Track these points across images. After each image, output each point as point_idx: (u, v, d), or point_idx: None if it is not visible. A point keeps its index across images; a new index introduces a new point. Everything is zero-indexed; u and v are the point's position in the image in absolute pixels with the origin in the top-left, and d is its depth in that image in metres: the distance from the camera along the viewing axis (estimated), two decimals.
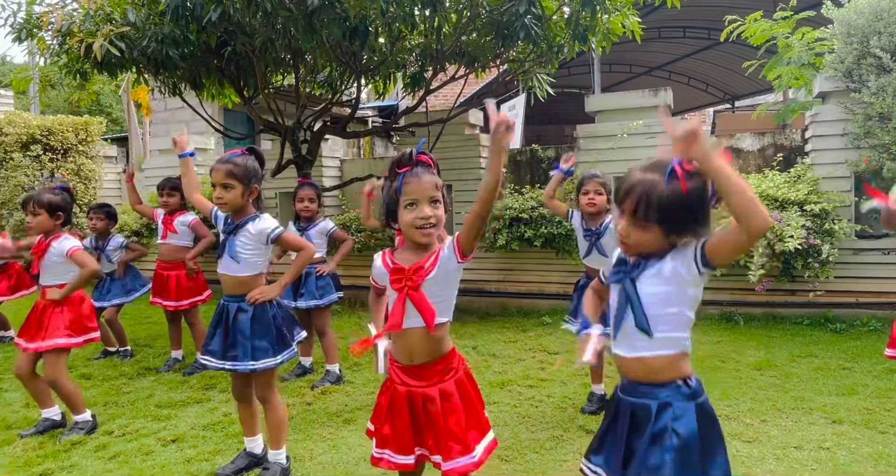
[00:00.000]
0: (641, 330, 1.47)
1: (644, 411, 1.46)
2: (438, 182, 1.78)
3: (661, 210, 1.41)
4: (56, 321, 3.04)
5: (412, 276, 1.77)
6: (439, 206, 1.77)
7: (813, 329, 4.72)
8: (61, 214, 3.14)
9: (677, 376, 1.48)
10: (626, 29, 5.31)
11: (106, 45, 4.43)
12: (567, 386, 3.67)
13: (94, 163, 8.21)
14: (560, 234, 5.20)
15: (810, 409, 3.20)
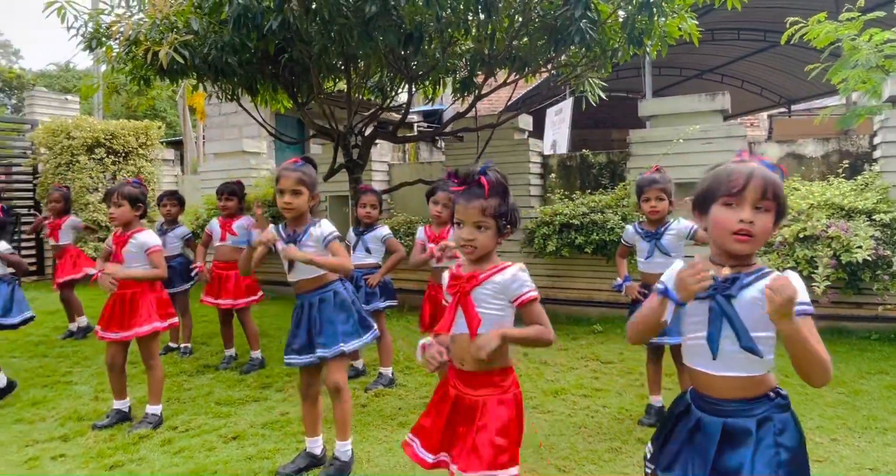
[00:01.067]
0: (749, 350, 1.40)
1: (742, 430, 1.40)
2: (489, 207, 1.78)
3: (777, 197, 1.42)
4: (147, 307, 3.21)
5: (465, 284, 1.83)
6: (485, 231, 1.80)
7: (882, 344, 4.50)
8: (141, 206, 3.30)
9: (768, 389, 1.44)
10: (683, 32, 5.20)
11: (171, 52, 4.59)
12: (623, 397, 3.60)
13: (153, 165, 8.53)
14: (612, 241, 5.11)
15: (884, 429, 3.05)
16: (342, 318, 2.65)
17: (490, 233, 1.80)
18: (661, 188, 3.16)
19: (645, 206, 3.20)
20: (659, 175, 3.21)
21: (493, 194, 1.79)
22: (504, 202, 1.80)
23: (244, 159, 7.91)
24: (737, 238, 1.42)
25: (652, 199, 3.16)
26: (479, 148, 6.17)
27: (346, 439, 2.68)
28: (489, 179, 1.79)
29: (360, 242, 4.02)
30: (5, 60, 37.91)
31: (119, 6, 5.33)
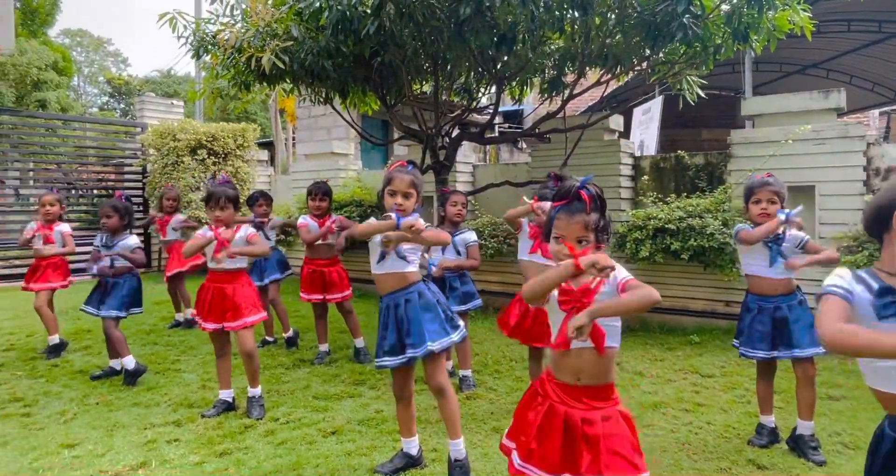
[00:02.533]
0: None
1: None
2: (590, 222, 1.76)
3: None
4: (248, 300, 3.45)
5: (581, 298, 1.77)
6: (585, 245, 1.76)
7: None
8: (239, 206, 3.52)
9: None
10: (794, 25, 4.86)
11: (272, 58, 4.80)
12: (729, 414, 3.40)
13: (249, 166, 8.97)
14: (712, 247, 4.86)
15: None
16: (429, 317, 2.66)
17: (591, 247, 1.77)
18: (775, 191, 2.98)
19: (754, 209, 3.01)
20: (772, 178, 3.04)
21: (594, 209, 1.77)
22: (603, 216, 1.79)
23: (333, 160, 8.16)
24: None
25: (763, 201, 2.98)
26: (566, 149, 6.04)
27: (458, 437, 2.69)
28: (590, 194, 1.76)
29: (452, 244, 4.02)
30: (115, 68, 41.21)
31: (223, 15, 5.63)
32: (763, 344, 2.98)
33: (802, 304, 3.01)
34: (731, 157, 5.50)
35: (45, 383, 4.03)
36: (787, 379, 3.80)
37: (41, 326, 4.89)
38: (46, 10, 21.70)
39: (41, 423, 3.33)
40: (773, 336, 2.98)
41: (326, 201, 4.66)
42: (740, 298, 5.25)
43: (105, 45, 41.89)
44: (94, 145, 10.48)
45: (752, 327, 3.02)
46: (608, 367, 1.79)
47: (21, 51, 11.30)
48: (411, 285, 2.70)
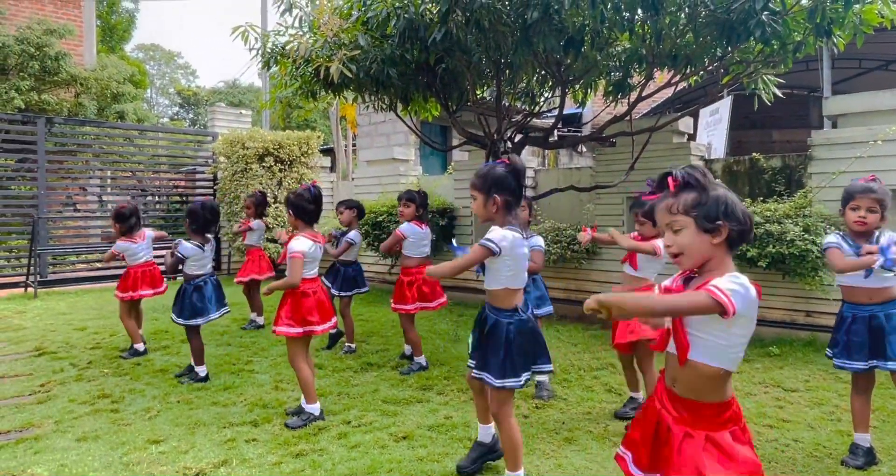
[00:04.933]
0: None
1: None
2: (675, 204, 1.62)
3: None
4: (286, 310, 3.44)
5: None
6: (682, 231, 1.61)
7: None
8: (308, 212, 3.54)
9: None
10: (883, 19, 4.56)
11: (341, 67, 4.91)
12: (817, 431, 3.20)
13: (313, 172, 9.21)
14: (791, 254, 4.61)
15: None
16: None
17: (689, 232, 1.60)
18: (877, 198, 2.80)
19: (851, 215, 2.85)
20: (876, 184, 2.85)
21: (684, 189, 1.62)
22: (703, 195, 1.59)
23: (394, 166, 8.27)
24: None
25: (862, 208, 2.81)
26: (633, 153, 5.89)
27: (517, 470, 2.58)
28: (675, 176, 1.63)
29: None
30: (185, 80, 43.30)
31: (292, 27, 5.80)
32: (859, 354, 2.80)
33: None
34: (812, 160, 5.22)
35: (129, 381, 4.25)
36: (882, 396, 3.56)
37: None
38: (123, 27, 23.09)
39: (128, 420, 3.50)
40: (869, 346, 2.79)
41: (411, 207, 4.51)
42: (822, 308, 5.02)
43: (175, 58, 44.11)
44: (167, 154, 11.02)
45: (849, 337, 2.84)
46: (701, 382, 1.60)
47: (101, 66, 12.02)
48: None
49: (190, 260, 4.22)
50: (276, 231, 5.18)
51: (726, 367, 1.58)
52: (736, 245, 1.63)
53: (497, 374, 2.49)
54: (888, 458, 2.89)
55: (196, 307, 4.18)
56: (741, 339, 1.56)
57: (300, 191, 3.57)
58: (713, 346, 1.57)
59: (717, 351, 1.57)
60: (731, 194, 1.62)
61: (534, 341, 2.54)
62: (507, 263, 2.49)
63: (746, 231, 1.60)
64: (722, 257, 1.61)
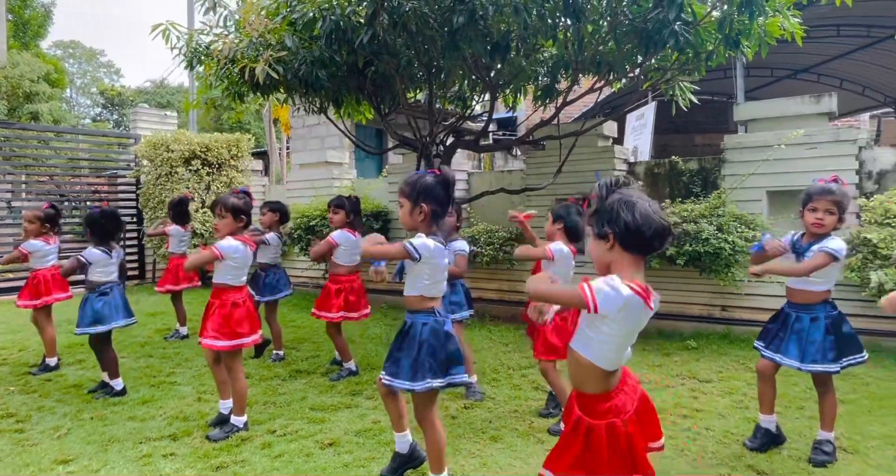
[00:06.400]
0: None
1: None
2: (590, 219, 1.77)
3: None
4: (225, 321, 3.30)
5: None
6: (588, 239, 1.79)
7: None
8: (244, 218, 3.39)
9: None
10: (784, 31, 4.90)
11: (266, 68, 4.80)
12: (727, 419, 3.39)
13: (244, 176, 8.95)
14: (707, 252, 4.86)
15: None
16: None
17: (590, 240, 1.75)
18: (835, 200, 2.79)
19: (809, 217, 2.84)
20: (835, 185, 2.84)
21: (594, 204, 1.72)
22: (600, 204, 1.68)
23: (328, 169, 8.16)
24: None
25: (820, 210, 2.80)
26: (561, 156, 6.06)
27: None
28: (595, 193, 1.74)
29: None
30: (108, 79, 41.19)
31: (217, 26, 5.63)
32: (768, 342, 2.97)
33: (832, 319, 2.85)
34: (725, 162, 5.53)
35: (38, 398, 3.99)
36: (784, 383, 3.80)
37: (34, 341, 4.84)
38: (38, 22, 21.70)
39: (35, 439, 3.29)
40: (781, 339, 2.93)
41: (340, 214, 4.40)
42: (736, 303, 5.32)
43: (98, 56, 41.88)
44: (86, 157, 10.45)
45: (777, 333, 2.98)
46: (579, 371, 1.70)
47: (13, 63, 11.28)
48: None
49: (95, 266, 3.97)
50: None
51: (597, 363, 1.66)
52: (636, 249, 1.64)
53: (407, 376, 2.48)
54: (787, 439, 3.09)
55: (99, 314, 3.92)
56: (613, 339, 1.63)
57: (232, 193, 3.47)
58: (587, 338, 1.69)
59: (590, 343, 1.68)
60: (629, 200, 1.62)
61: (447, 347, 2.52)
62: (425, 271, 2.49)
63: (638, 235, 1.60)
64: (621, 262, 1.65)
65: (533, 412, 3.55)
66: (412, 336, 2.51)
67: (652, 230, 1.60)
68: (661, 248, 1.67)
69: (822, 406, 2.93)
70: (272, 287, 4.81)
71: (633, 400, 1.72)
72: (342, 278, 4.39)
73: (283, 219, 4.97)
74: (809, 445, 2.95)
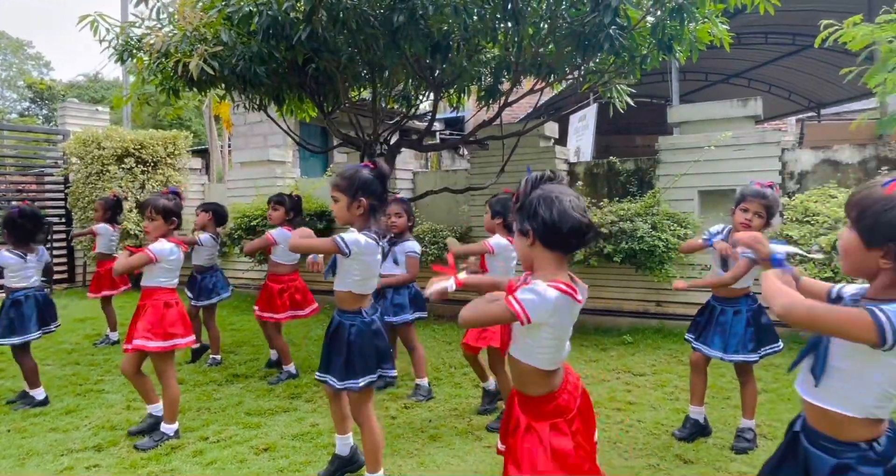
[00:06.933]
0: (812, 375, 1.40)
1: (818, 466, 1.36)
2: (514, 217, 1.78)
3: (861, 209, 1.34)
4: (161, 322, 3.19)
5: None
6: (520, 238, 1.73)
7: None
8: (175, 219, 3.27)
9: (860, 439, 1.36)
10: (713, 37, 5.12)
11: (201, 64, 4.65)
12: (658, 411, 3.51)
13: (181, 175, 8.64)
14: (642, 249, 5.02)
15: None
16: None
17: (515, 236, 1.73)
18: (765, 204, 2.87)
19: (739, 216, 2.90)
20: (769, 191, 2.93)
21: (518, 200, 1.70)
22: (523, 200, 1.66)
23: (270, 168, 7.98)
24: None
25: (751, 211, 2.86)
26: (503, 155, 6.13)
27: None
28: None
29: (390, 254, 3.97)
30: (37, 72, 38.98)
31: (150, 19, 5.42)
32: (697, 334, 3.10)
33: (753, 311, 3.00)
34: (659, 163, 5.73)
35: None
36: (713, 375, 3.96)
37: None
38: None
39: None
40: (707, 331, 3.07)
41: (280, 211, 4.36)
42: (670, 298, 5.51)
43: (25, 47, 39.52)
44: (12, 154, 9.84)
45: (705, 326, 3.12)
46: (521, 376, 1.69)
47: None
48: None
49: (8, 271, 3.73)
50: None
51: (540, 366, 1.65)
52: (556, 246, 1.62)
53: (339, 375, 2.47)
54: (713, 429, 3.23)
55: (11, 325, 3.69)
56: (550, 342, 1.62)
57: (162, 194, 3.34)
58: (524, 346, 1.67)
59: (528, 350, 1.66)
60: (548, 197, 1.59)
61: (376, 345, 2.52)
62: (355, 267, 2.47)
63: (556, 232, 1.58)
64: (542, 259, 1.64)
65: (473, 410, 3.58)
66: (340, 337, 2.49)
67: (569, 227, 1.56)
68: (581, 246, 1.67)
69: (744, 395, 3.08)
70: (209, 290, 4.66)
71: (575, 398, 1.70)
72: (284, 277, 4.33)
73: (219, 220, 4.82)
74: (734, 433, 3.09)
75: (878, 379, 1.32)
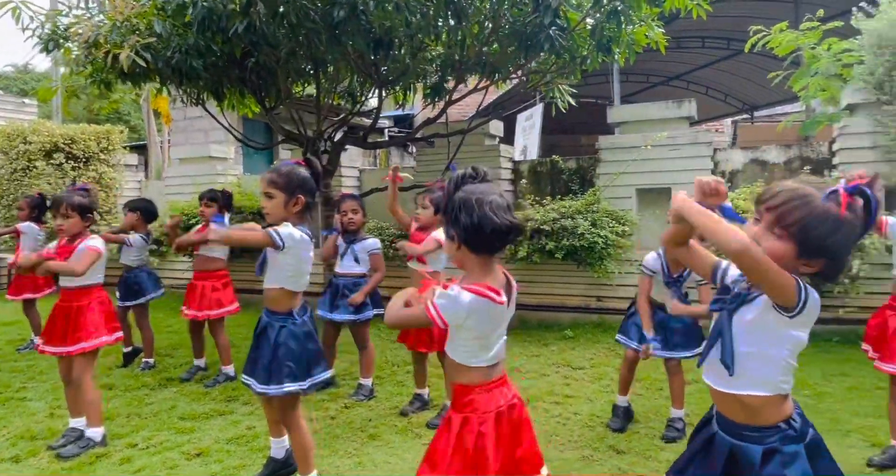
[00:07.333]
0: (724, 365, 1.42)
1: (747, 456, 1.39)
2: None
3: (803, 225, 1.34)
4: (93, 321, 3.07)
5: None
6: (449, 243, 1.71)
7: (843, 346, 4.61)
8: (90, 216, 3.14)
9: (779, 419, 1.41)
10: (650, 40, 5.27)
11: (132, 55, 4.47)
12: (594, 403, 3.60)
13: (115, 171, 8.28)
14: (582, 246, 5.14)
15: (847, 432, 3.12)
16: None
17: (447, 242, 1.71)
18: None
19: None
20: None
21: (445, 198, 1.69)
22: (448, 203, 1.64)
23: (211, 165, 7.74)
24: None
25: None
26: (449, 153, 6.15)
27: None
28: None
29: (349, 251, 3.91)
30: None
31: (78, 7, 5.18)
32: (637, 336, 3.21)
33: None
34: (600, 162, 5.87)
35: None
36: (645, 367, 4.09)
37: None
38: None
39: None
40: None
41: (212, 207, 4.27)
42: (610, 293, 5.65)
43: None
44: None
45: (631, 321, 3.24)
46: (451, 369, 1.73)
47: None
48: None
49: None
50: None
51: (461, 361, 1.68)
52: (481, 249, 1.61)
53: (262, 379, 2.40)
54: (645, 420, 3.34)
55: None
56: (472, 341, 1.65)
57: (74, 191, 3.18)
58: (453, 344, 1.70)
59: (453, 346, 1.71)
60: (468, 200, 1.57)
61: (308, 347, 2.47)
62: (289, 262, 2.41)
63: (478, 236, 1.56)
64: (469, 261, 1.64)
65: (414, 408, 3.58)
66: (267, 338, 2.43)
67: (490, 230, 1.55)
68: (506, 246, 1.69)
69: (672, 386, 3.20)
70: (138, 290, 4.48)
71: (497, 403, 1.68)
72: (218, 273, 4.26)
73: (148, 218, 4.64)
74: (665, 423, 3.20)
75: (784, 353, 1.39)
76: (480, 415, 1.65)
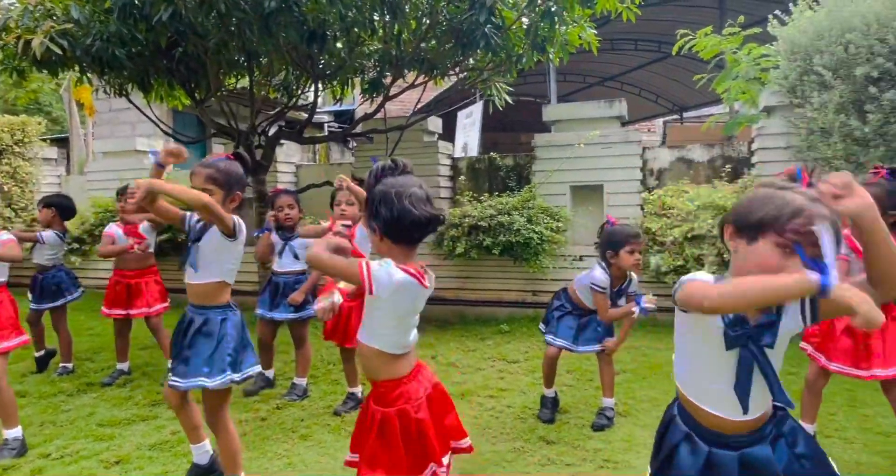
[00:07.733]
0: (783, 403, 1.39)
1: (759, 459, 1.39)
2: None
3: None
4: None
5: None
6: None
7: None
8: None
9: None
10: (582, 40, 5.41)
11: (46, 42, 4.21)
12: (527, 395, 3.67)
13: (32, 165, 7.77)
14: (518, 242, 5.23)
15: None
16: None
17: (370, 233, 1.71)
18: (642, 241, 3.04)
19: (629, 259, 2.96)
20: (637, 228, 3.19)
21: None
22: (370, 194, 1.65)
23: (137, 159, 7.38)
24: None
25: (636, 251, 2.97)
26: (388, 149, 6.12)
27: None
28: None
29: (287, 248, 3.82)
30: None
31: None
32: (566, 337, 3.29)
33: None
34: (536, 159, 5.98)
35: None
36: (580, 358, 4.22)
37: None
38: None
39: None
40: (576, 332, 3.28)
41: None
42: (545, 288, 5.77)
43: None
44: None
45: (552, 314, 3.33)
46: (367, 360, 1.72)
47: None
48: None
49: None
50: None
51: (383, 348, 1.68)
52: (402, 241, 1.63)
53: (202, 373, 2.33)
54: (576, 410, 3.43)
55: None
56: (391, 322, 1.66)
57: None
58: (370, 328, 1.70)
59: (373, 332, 1.69)
60: (387, 193, 1.59)
61: (245, 339, 2.46)
62: (236, 253, 2.41)
63: (398, 228, 1.59)
64: (391, 251, 1.64)
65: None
66: (208, 332, 2.36)
67: (409, 223, 1.58)
68: (425, 236, 1.70)
69: (602, 376, 3.30)
70: (53, 291, 4.23)
71: (425, 388, 1.74)
72: (145, 270, 4.13)
73: (65, 214, 4.38)
74: (594, 413, 3.30)
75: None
76: (414, 403, 1.69)
